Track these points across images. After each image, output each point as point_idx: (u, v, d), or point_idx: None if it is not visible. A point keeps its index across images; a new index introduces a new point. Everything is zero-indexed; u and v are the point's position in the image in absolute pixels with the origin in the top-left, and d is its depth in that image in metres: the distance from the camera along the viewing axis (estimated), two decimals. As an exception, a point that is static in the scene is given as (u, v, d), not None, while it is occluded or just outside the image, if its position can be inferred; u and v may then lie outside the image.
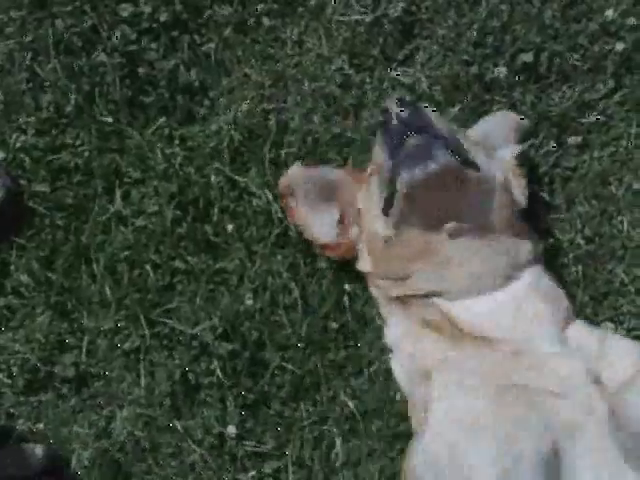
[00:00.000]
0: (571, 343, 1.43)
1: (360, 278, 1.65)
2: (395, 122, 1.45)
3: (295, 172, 1.64)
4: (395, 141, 1.44)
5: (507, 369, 1.38)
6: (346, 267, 1.66)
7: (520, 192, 1.58)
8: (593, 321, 1.66)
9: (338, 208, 1.64)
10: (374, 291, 1.60)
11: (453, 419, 1.32)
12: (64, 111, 1.65)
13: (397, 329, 1.54)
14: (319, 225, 1.63)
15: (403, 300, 1.52)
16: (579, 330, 1.47)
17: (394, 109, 1.46)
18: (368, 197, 1.56)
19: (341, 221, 1.64)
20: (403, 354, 1.51)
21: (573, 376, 1.36)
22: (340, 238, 1.63)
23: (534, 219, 1.69)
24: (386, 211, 1.48)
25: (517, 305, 1.45)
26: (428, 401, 1.38)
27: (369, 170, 1.57)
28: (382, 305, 1.59)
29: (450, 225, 1.44)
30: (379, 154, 1.48)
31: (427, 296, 1.48)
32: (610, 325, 1.67)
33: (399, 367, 1.53)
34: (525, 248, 1.51)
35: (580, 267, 1.69)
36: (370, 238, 1.55)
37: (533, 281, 1.48)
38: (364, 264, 1.59)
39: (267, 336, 1.64)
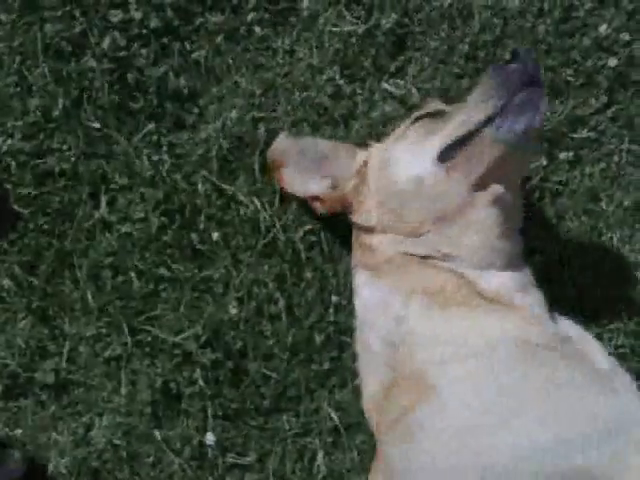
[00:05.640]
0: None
1: (346, 289, 1.64)
2: (518, 69, 1.38)
3: (284, 142, 1.63)
4: (511, 86, 1.37)
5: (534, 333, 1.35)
6: (332, 278, 1.66)
7: None
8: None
9: (330, 175, 1.59)
10: (357, 255, 1.55)
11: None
12: (51, 116, 1.63)
13: (374, 296, 1.48)
14: (311, 184, 1.60)
15: (397, 263, 1.46)
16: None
17: (525, 57, 1.39)
18: (404, 141, 1.49)
19: (333, 186, 1.59)
20: (378, 324, 1.45)
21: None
22: (332, 191, 1.58)
23: (523, 233, 1.68)
24: (443, 156, 1.41)
25: (524, 288, 1.42)
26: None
27: (416, 115, 1.52)
28: (359, 272, 1.53)
29: (498, 189, 1.39)
30: (484, 92, 1.39)
31: (437, 259, 1.43)
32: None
33: (374, 338, 1.46)
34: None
35: (569, 283, 1.68)
36: (390, 184, 1.47)
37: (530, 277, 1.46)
38: (365, 216, 1.52)
39: (251, 346, 1.63)
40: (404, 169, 1.45)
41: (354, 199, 1.55)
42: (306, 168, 1.61)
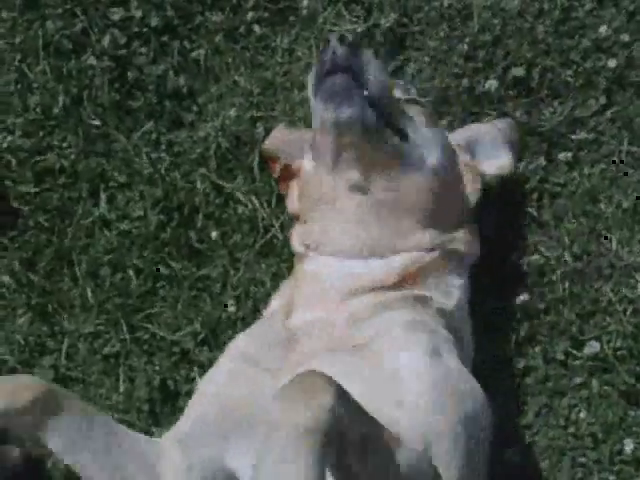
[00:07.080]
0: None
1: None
2: (328, 56, 1.38)
3: (280, 135, 1.64)
4: (321, 74, 1.38)
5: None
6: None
7: (471, 191, 1.53)
8: (579, 340, 1.65)
9: None
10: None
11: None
12: (51, 113, 1.65)
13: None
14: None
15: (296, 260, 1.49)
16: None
17: (334, 44, 1.39)
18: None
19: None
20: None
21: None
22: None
23: (521, 235, 1.68)
24: (312, 146, 1.45)
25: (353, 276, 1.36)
26: None
27: None
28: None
29: (352, 175, 1.37)
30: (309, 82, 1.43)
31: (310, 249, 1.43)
32: (596, 344, 1.65)
33: None
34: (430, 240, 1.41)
35: (567, 285, 1.67)
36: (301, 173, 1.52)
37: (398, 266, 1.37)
38: (291, 203, 1.57)
39: (248, 344, 1.63)
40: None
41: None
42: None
